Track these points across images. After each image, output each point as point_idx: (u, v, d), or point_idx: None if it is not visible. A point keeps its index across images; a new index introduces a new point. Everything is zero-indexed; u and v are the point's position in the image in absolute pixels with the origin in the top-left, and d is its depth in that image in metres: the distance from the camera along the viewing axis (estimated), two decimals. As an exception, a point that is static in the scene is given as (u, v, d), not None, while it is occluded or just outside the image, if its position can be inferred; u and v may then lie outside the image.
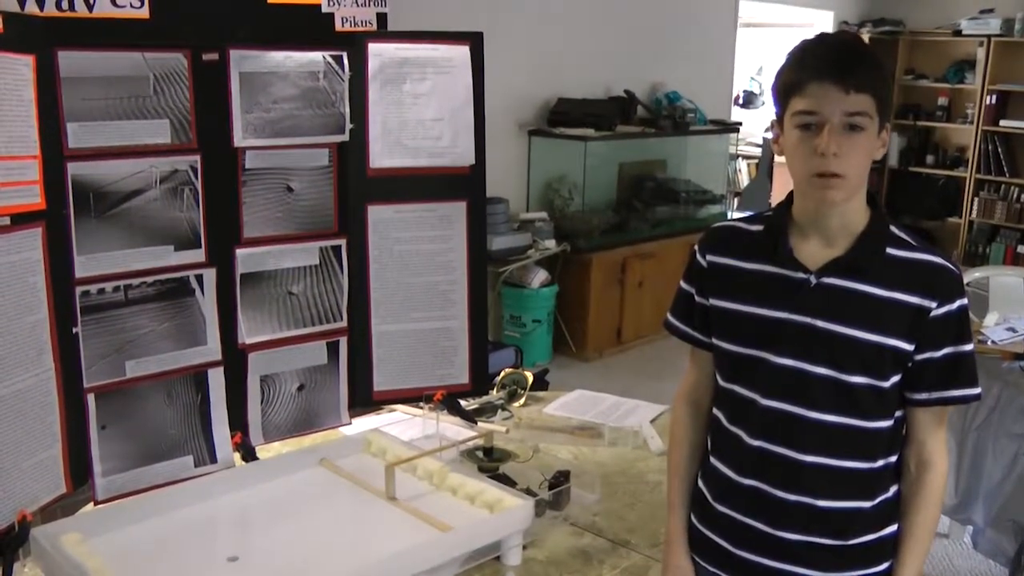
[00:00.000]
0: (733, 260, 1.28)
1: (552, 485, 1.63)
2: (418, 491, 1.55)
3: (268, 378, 1.74)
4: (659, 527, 1.59)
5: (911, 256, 1.19)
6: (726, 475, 1.29)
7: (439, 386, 1.90)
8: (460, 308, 1.89)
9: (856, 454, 1.21)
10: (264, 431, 1.76)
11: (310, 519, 1.47)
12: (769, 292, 1.23)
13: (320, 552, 1.37)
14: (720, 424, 1.31)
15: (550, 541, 1.56)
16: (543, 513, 1.59)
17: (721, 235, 1.31)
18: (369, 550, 1.38)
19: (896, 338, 1.17)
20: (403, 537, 1.40)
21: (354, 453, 1.71)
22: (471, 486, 1.53)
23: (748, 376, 1.26)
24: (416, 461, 1.61)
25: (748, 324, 1.24)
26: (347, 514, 1.50)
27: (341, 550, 1.38)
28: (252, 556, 1.36)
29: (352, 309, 1.82)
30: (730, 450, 1.29)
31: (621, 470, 1.84)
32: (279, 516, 1.48)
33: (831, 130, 1.13)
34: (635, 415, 2.10)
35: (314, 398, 1.80)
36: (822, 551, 1.23)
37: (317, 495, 1.56)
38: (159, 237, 1.56)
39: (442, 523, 1.43)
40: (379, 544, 1.40)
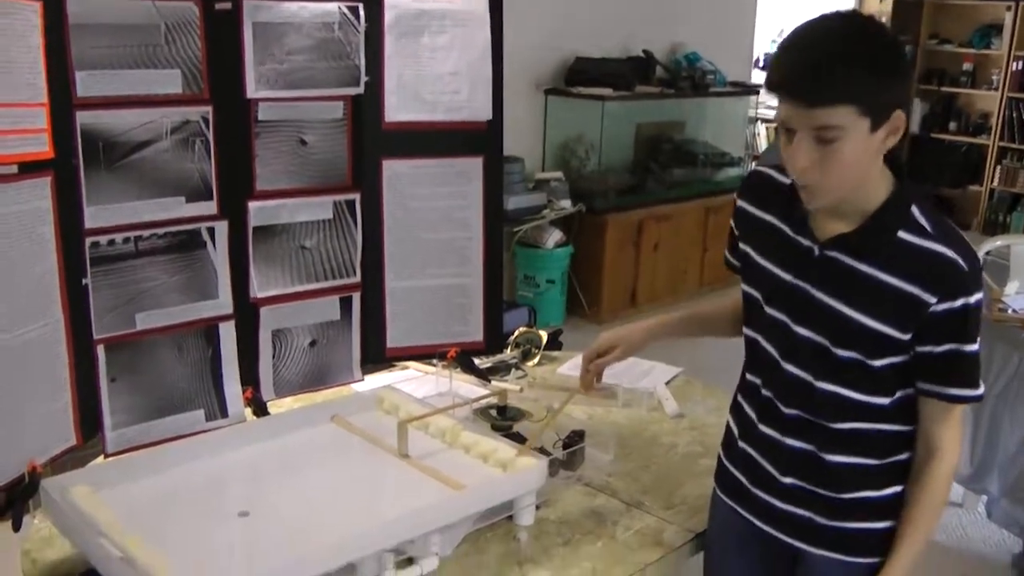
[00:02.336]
0: (758, 210, 1.28)
1: (566, 445, 1.62)
2: (430, 449, 1.54)
3: (280, 333, 1.72)
4: (674, 490, 1.62)
5: (922, 244, 1.14)
6: (749, 417, 1.33)
7: (453, 343, 1.88)
8: (475, 265, 1.87)
9: (853, 421, 1.20)
10: (276, 386, 1.74)
11: (321, 475, 1.47)
12: (778, 251, 1.23)
13: (331, 509, 1.37)
14: (744, 369, 1.34)
15: (563, 501, 1.56)
16: (557, 473, 1.59)
17: (753, 181, 1.31)
18: (381, 507, 1.37)
19: (889, 325, 1.15)
20: (415, 495, 1.39)
21: (366, 410, 1.69)
22: (484, 445, 1.52)
23: (759, 325, 1.27)
24: (429, 419, 1.60)
25: (761, 275, 1.26)
26: (359, 471, 1.49)
27: (352, 507, 1.37)
28: (262, 511, 1.35)
29: (366, 264, 1.79)
30: (749, 394, 1.32)
31: (635, 432, 1.84)
32: (290, 472, 1.48)
33: (801, 140, 1.08)
34: (650, 377, 2.10)
35: (326, 354, 1.79)
36: (819, 499, 1.26)
37: (328, 451, 1.55)
38: (170, 188, 1.54)
39: (455, 481, 1.42)
40: (391, 501, 1.40)
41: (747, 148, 6.21)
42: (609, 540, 1.45)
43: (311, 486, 1.43)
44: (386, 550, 1.26)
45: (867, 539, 1.27)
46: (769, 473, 1.30)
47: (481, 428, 1.61)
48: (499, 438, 1.55)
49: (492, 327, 1.91)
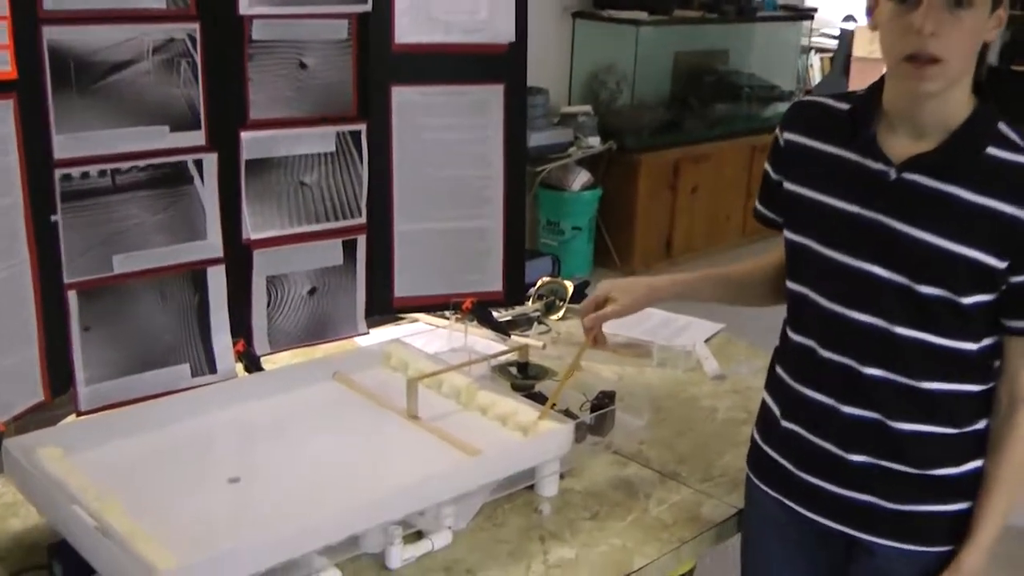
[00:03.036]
0: (811, 140, 1.25)
1: (594, 407, 1.60)
2: (443, 410, 1.54)
3: (276, 279, 1.71)
4: (713, 460, 1.61)
5: (1017, 160, 1.12)
6: (793, 388, 1.29)
7: (468, 293, 1.88)
8: (494, 207, 1.86)
9: (934, 375, 1.18)
10: (270, 339, 1.74)
11: (321, 439, 1.46)
12: (842, 182, 1.20)
13: (332, 475, 1.36)
14: (786, 332, 1.31)
15: (590, 470, 1.55)
16: (583, 439, 1.57)
17: (803, 111, 1.29)
18: (388, 474, 1.36)
19: (980, 251, 1.12)
20: (426, 461, 1.38)
21: (372, 366, 1.70)
22: (503, 406, 1.51)
23: (811, 276, 1.24)
24: (441, 376, 1.59)
25: (816, 215, 1.22)
26: (363, 434, 1.49)
27: (356, 473, 1.37)
28: (255, 478, 1.34)
29: (372, 204, 1.78)
30: (795, 360, 1.29)
31: (671, 394, 1.84)
32: (286, 435, 1.47)
33: (931, 5, 1.08)
34: (687, 333, 2.08)
35: (327, 303, 1.78)
36: (891, 478, 1.22)
37: (329, 412, 1.55)
38: (152, 116, 1.51)
39: (470, 446, 1.41)
40: (399, 467, 1.38)
41: (799, 81, 6.11)
42: (641, 514, 1.45)
43: (309, 450, 1.42)
44: (393, 522, 1.26)
45: (937, 523, 1.23)
46: (824, 451, 1.26)
47: (499, 388, 1.61)
48: (519, 399, 1.55)
49: (512, 276, 1.90)
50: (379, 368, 1.70)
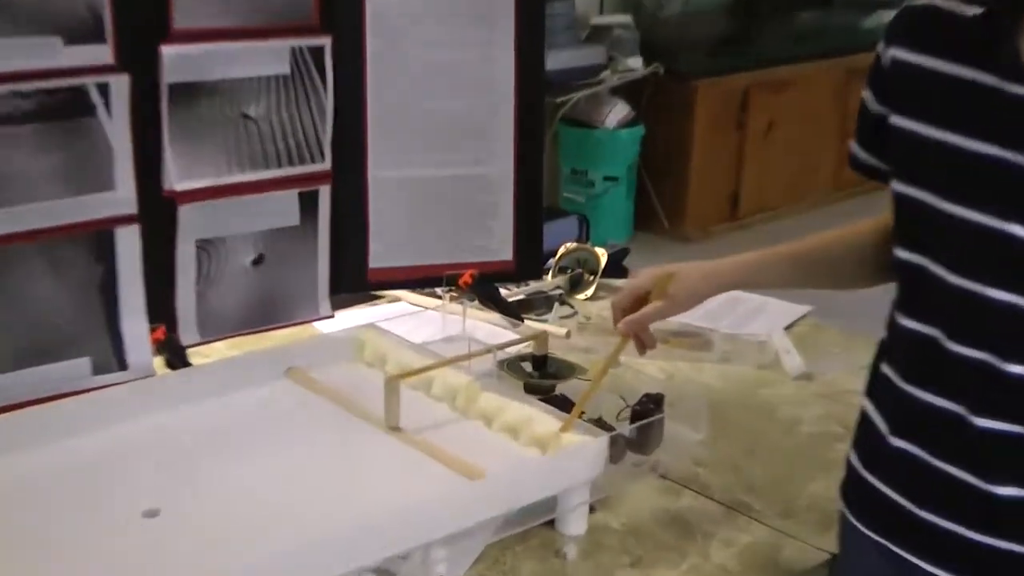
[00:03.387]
0: (926, 57, 1.22)
1: (636, 416, 1.60)
2: (434, 419, 1.56)
3: (209, 244, 1.72)
4: (796, 488, 1.62)
5: None
6: (907, 393, 1.26)
7: (468, 264, 1.90)
8: (503, 148, 1.88)
9: None
10: (201, 324, 1.75)
11: (268, 459, 1.47)
12: (973, 114, 1.17)
13: (282, 508, 1.36)
14: (895, 317, 1.29)
15: (630, 501, 1.56)
16: (622, 458, 1.56)
17: (914, 19, 1.25)
18: (357, 505, 1.37)
19: None
20: (409, 486, 1.40)
21: (338, 361, 1.72)
22: (513, 414, 1.52)
23: (931, 241, 1.22)
24: (432, 375, 1.61)
25: (935, 160, 1.20)
26: (325, 451, 1.51)
27: (314, 505, 1.37)
28: (178, 511, 1.34)
29: (339, 144, 1.80)
30: (909, 355, 1.27)
31: (739, 399, 1.86)
32: (221, 453, 1.48)
33: None
34: (762, 319, 2.10)
35: (279, 277, 1.81)
36: None
37: (280, 422, 1.56)
38: (40, 24, 1.49)
39: (469, 466, 1.41)
40: (372, 496, 1.39)
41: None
42: (699, 560, 1.45)
43: (252, 474, 1.43)
44: (365, 570, 1.25)
45: None
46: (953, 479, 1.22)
47: (509, 389, 1.63)
48: (535, 404, 1.56)
49: (526, 242, 1.93)
50: (348, 363, 1.71)
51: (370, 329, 1.76)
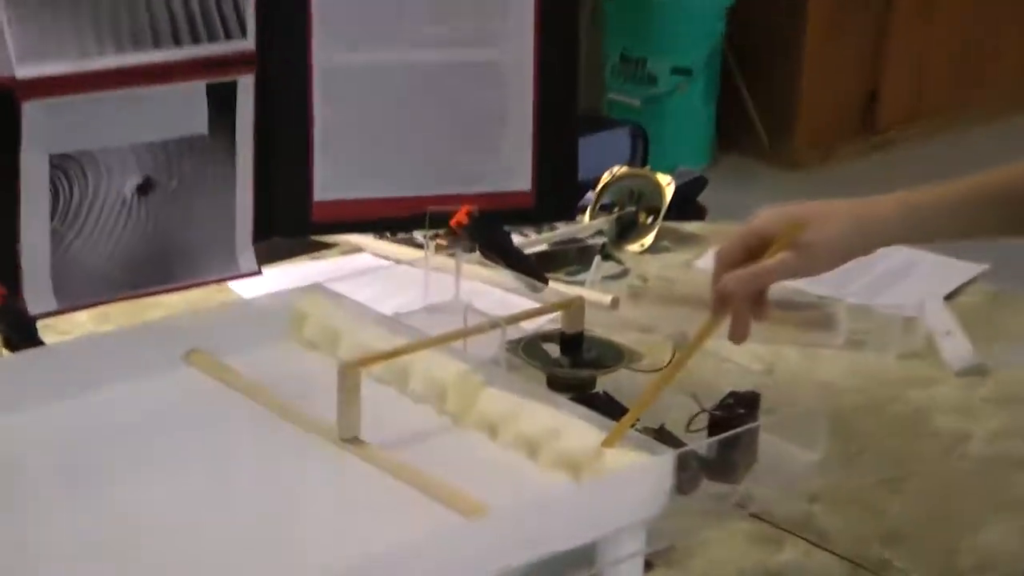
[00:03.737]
0: None
1: (717, 426, 1.56)
2: (412, 427, 1.53)
3: (70, 163, 1.72)
4: (962, 537, 1.59)
5: None
6: None
7: (464, 196, 1.90)
8: (517, 20, 1.92)
9: None
10: (58, 285, 1.75)
11: (153, 488, 1.43)
12: None
13: (176, 562, 1.33)
14: None
15: (709, 554, 1.55)
16: (695, 488, 1.50)
17: None
18: (292, 559, 1.34)
19: None
20: (372, 529, 1.37)
21: (266, 340, 1.70)
22: (531, 420, 1.48)
23: None
24: (408, 361, 1.57)
25: None
26: (244, 477, 1.50)
27: (227, 559, 1.34)
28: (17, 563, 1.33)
29: (270, 14, 1.82)
30: None
31: (874, 404, 1.85)
32: (83, 479, 1.45)
33: None
34: (909, 283, 2.12)
35: (177, 214, 1.82)
36: None
37: (176, 433, 1.53)
38: None
39: (464, 499, 1.38)
40: (316, 545, 1.37)
41: None
42: None
43: (129, 510, 1.40)
44: None
45: None
46: None
47: (526, 384, 1.59)
48: (564, 406, 1.51)
49: (552, 164, 1.99)
50: (281, 344, 1.70)
51: (315, 293, 1.73)
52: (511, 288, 1.94)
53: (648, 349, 1.75)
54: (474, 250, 1.91)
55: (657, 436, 1.51)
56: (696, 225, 2.29)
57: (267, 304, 1.75)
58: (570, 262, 2.10)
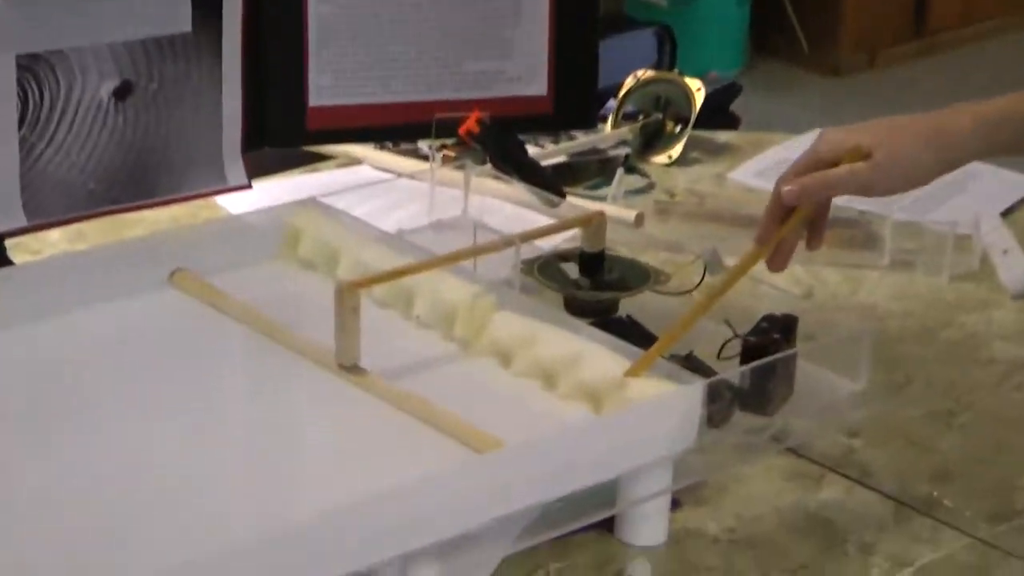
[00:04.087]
0: None
1: (750, 352, 1.56)
2: (417, 355, 1.55)
3: (38, 64, 1.71)
4: (1017, 476, 1.59)
5: None
6: None
7: (474, 101, 1.93)
8: None
9: None
10: (27, 200, 1.75)
11: (140, 421, 1.44)
12: None
13: (165, 499, 1.33)
14: None
15: (741, 492, 1.54)
16: (727, 420, 1.51)
17: None
18: (290, 495, 1.36)
19: None
20: (375, 464, 1.38)
21: (258, 259, 1.73)
22: (548, 347, 1.50)
23: None
24: (413, 283, 1.60)
25: None
26: (235, 408, 1.52)
27: (219, 497, 1.34)
28: None
29: None
30: None
31: (923, 330, 1.86)
32: (62, 411, 1.46)
33: None
34: (961, 201, 2.13)
35: (158, 121, 1.81)
36: None
37: (161, 361, 1.55)
38: None
39: (474, 433, 1.39)
40: (314, 480, 1.39)
41: None
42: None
43: (110, 443, 1.41)
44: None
45: None
46: None
47: (542, 308, 1.61)
48: (584, 331, 1.53)
49: (571, 66, 1.99)
50: (273, 263, 1.73)
51: (310, 208, 1.74)
52: (525, 203, 1.94)
53: (676, 270, 1.75)
54: (485, 162, 1.92)
55: (685, 364, 1.51)
56: (729, 135, 2.29)
57: (258, 220, 1.76)
58: (590, 175, 2.10)
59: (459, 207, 1.89)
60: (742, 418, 1.53)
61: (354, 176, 2.08)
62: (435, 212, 1.90)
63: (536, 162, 1.99)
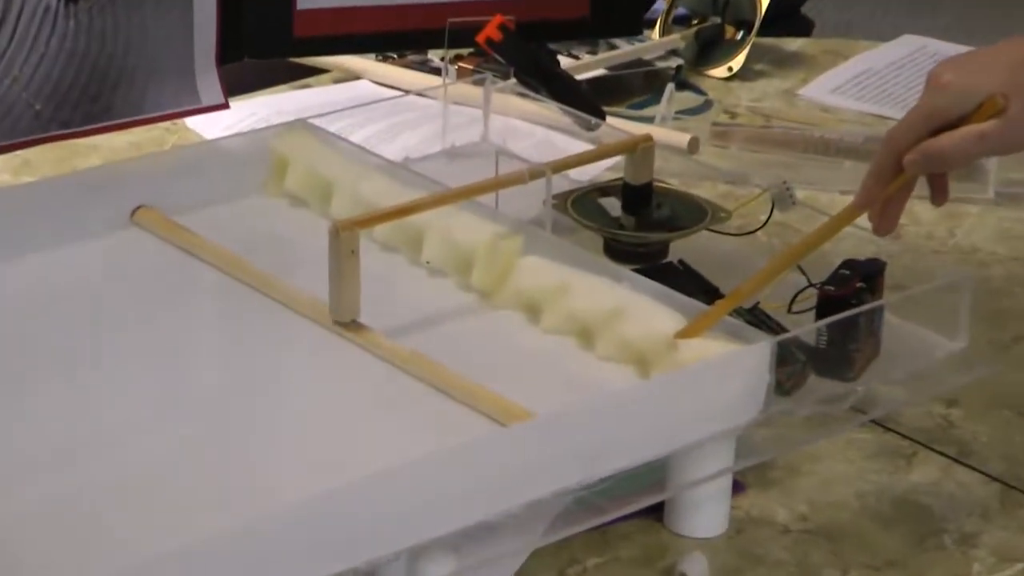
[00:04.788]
0: None
1: (826, 305, 1.56)
2: (428, 308, 1.57)
3: None
4: None
5: None
6: None
7: (494, 3, 1.95)
8: None
9: None
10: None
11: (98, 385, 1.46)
12: None
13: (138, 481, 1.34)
14: None
15: (818, 473, 1.56)
16: (799, 387, 1.51)
17: None
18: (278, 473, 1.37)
19: None
20: (379, 437, 1.39)
21: (235, 194, 1.75)
22: (584, 299, 1.51)
23: None
24: (422, 222, 1.61)
25: None
26: (212, 372, 1.54)
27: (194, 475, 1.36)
28: None
29: None
30: None
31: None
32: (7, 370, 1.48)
33: None
34: None
35: (117, 28, 1.82)
36: None
37: (124, 314, 1.57)
38: None
39: (498, 401, 1.40)
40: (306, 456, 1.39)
41: None
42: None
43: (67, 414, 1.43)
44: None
45: None
46: None
47: (576, 251, 1.61)
48: (628, 280, 1.54)
49: None
50: (256, 198, 1.75)
51: (299, 133, 1.76)
52: (557, 125, 1.96)
53: (737, 205, 1.75)
54: (509, 76, 1.93)
55: (749, 319, 1.51)
56: (800, 42, 2.29)
57: (237, 147, 1.78)
58: (635, 91, 2.11)
59: (477, 131, 1.90)
60: (818, 384, 1.52)
61: (351, 94, 2.09)
62: (449, 136, 1.90)
63: (570, 76, 1.99)
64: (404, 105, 2.02)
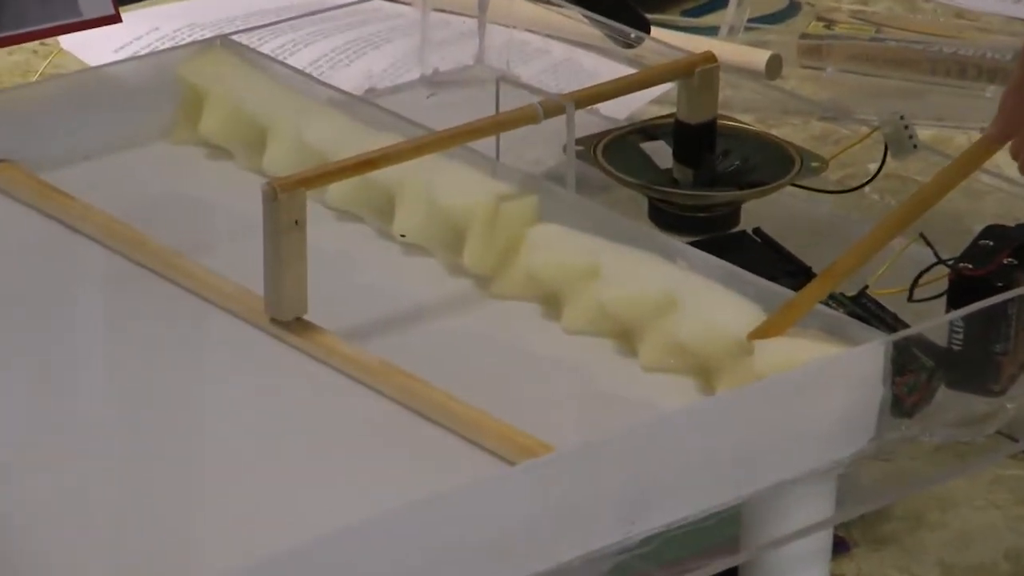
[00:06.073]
0: None
1: (959, 288, 1.56)
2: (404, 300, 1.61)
3: None
4: None
5: None
6: None
7: None
8: None
9: None
10: None
11: None
12: None
13: None
14: None
15: (954, 520, 1.60)
16: (924, 403, 1.50)
17: None
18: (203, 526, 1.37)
19: None
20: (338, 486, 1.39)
21: (130, 140, 1.81)
22: (626, 279, 1.53)
23: None
24: (388, 178, 1.65)
25: None
26: (99, 382, 1.57)
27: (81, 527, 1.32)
28: None
29: None
30: None
31: None
32: None
33: None
34: None
35: None
36: None
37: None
38: None
39: (505, 429, 1.40)
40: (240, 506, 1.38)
41: None
42: None
43: None
44: None
45: None
46: None
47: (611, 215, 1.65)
48: (682, 255, 1.57)
49: None
50: (158, 145, 1.81)
51: (218, 54, 1.84)
52: (582, 40, 1.93)
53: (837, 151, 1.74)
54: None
55: (853, 309, 1.52)
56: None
57: (132, 76, 1.84)
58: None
59: (470, 48, 1.89)
60: (952, 400, 1.52)
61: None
62: (430, 57, 1.91)
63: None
64: (367, 12, 2.03)
